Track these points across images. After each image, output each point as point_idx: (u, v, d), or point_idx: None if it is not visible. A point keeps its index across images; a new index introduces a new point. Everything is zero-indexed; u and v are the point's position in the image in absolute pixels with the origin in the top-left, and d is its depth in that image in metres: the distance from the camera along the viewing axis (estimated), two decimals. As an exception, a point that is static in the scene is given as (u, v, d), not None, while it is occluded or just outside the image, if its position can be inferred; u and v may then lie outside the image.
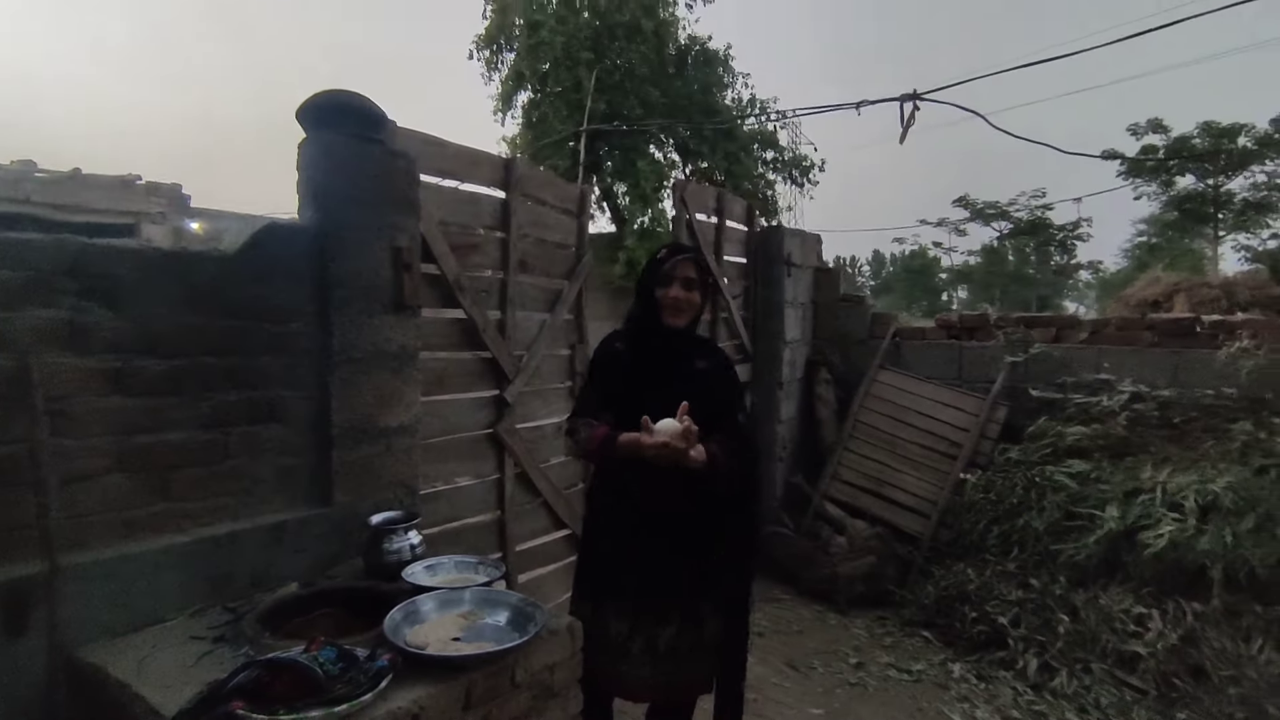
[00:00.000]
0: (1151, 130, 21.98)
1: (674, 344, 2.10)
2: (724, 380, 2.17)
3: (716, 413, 2.02)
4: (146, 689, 1.51)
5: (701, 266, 2.12)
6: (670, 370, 2.08)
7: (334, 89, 2.33)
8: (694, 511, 2.05)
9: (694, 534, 2.06)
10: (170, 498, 1.88)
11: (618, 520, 2.11)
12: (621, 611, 2.07)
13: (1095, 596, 3.32)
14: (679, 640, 2.06)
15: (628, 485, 2.06)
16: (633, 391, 2.05)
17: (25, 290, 1.59)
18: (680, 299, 2.05)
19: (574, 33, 12.37)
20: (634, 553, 2.06)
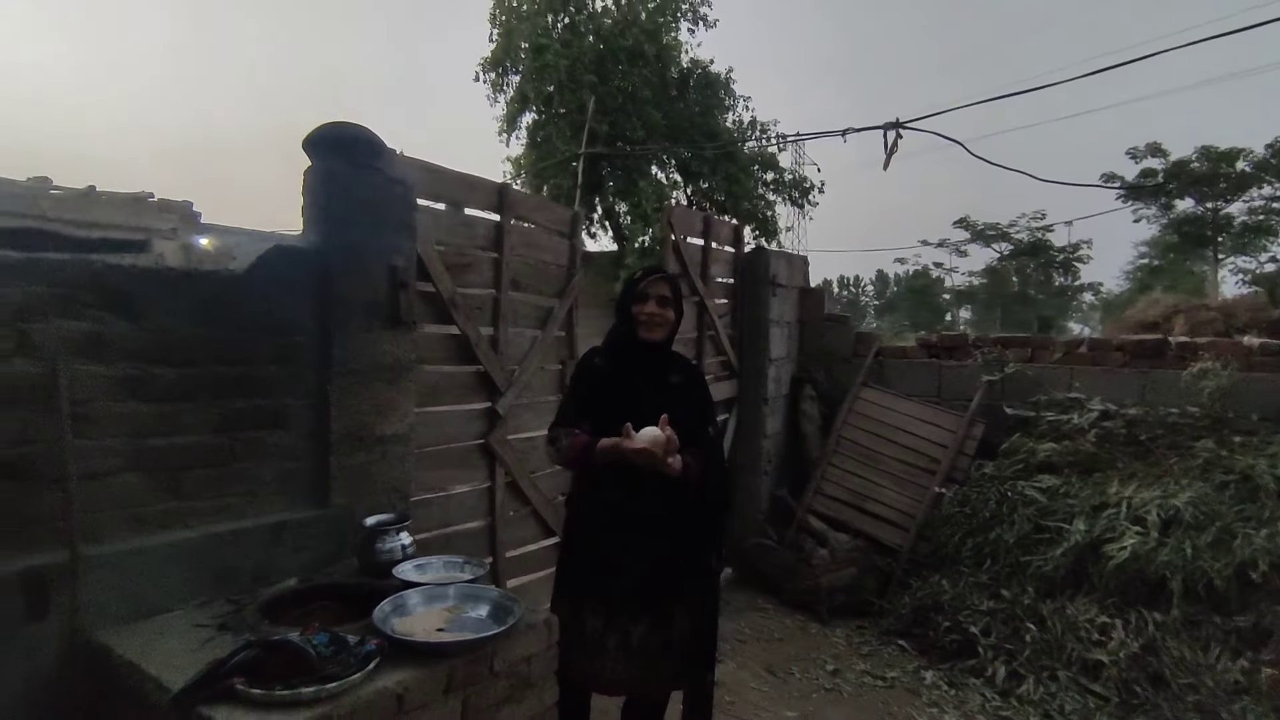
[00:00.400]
0: (1150, 154, 22.21)
1: (650, 358, 2.26)
2: (696, 394, 2.33)
3: (688, 425, 2.18)
4: (154, 668, 1.66)
5: (675, 286, 2.29)
6: (646, 383, 2.24)
7: (337, 121, 2.52)
8: (666, 515, 2.19)
9: (665, 536, 2.20)
10: (180, 496, 2.04)
11: (594, 523, 2.26)
12: (597, 609, 2.21)
13: (1062, 607, 3.44)
14: (650, 637, 2.20)
15: (604, 489, 2.22)
16: (611, 403, 2.20)
17: (55, 304, 1.76)
18: (655, 315, 2.22)
19: (578, 56, 12.67)
20: (608, 553, 2.20)
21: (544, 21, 13.15)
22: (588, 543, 2.29)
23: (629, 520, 2.19)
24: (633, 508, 2.18)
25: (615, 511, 2.21)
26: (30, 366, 1.73)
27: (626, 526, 2.20)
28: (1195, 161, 21.30)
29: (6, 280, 1.70)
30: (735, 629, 3.98)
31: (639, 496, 2.16)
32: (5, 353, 1.70)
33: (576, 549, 2.34)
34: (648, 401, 2.14)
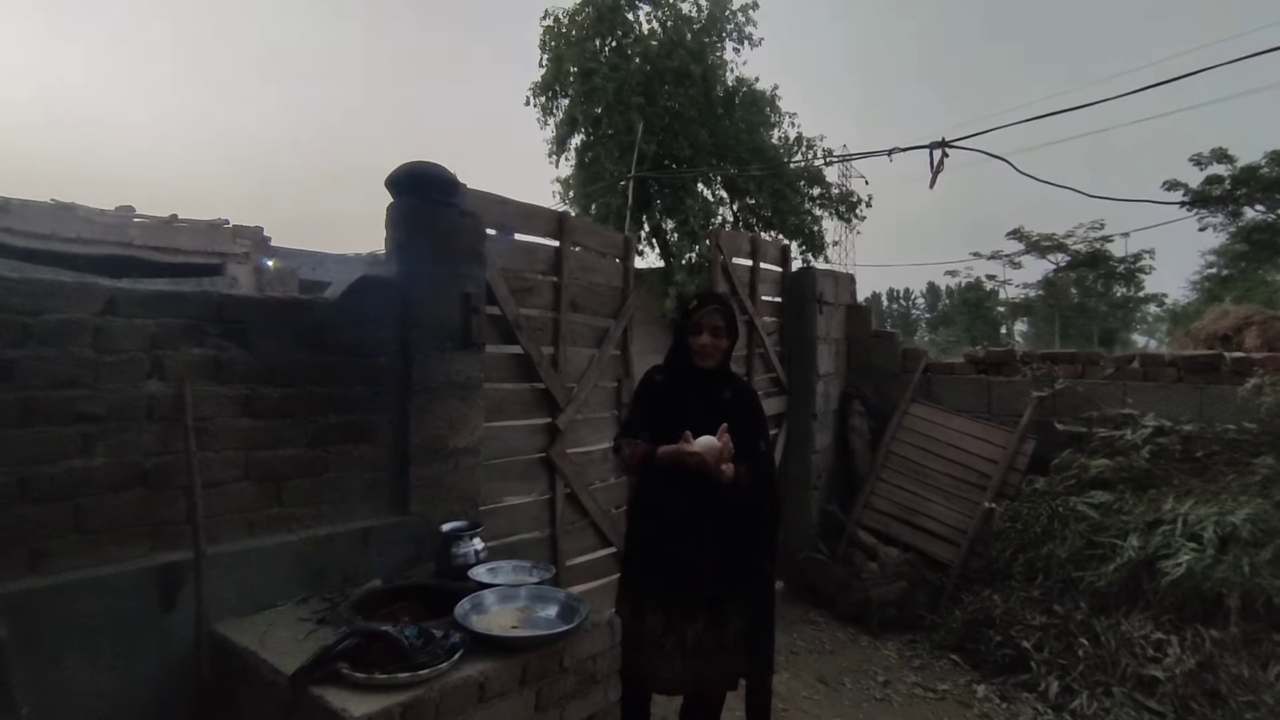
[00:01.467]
0: (1216, 160, 21.40)
1: (705, 381, 2.42)
2: (747, 410, 2.47)
3: (740, 439, 2.32)
4: (269, 655, 1.88)
5: (729, 314, 2.42)
6: (701, 402, 2.39)
7: (416, 161, 2.76)
8: (720, 521, 2.33)
9: (719, 542, 2.35)
10: (282, 503, 2.27)
11: (654, 527, 2.42)
12: (656, 609, 2.35)
13: (1116, 623, 3.44)
14: (706, 637, 2.34)
15: (664, 495, 2.37)
16: (669, 418, 2.36)
17: (184, 332, 2.02)
18: (708, 345, 2.37)
19: (625, 79, 12.97)
20: (667, 556, 2.35)
21: (592, 46, 13.51)
22: (648, 546, 2.44)
23: (686, 525, 2.34)
24: (690, 513, 2.33)
25: (673, 516, 2.36)
26: (162, 388, 1.99)
27: (684, 532, 2.34)
28: (1265, 167, 20.44)
29: (144, 312, 1.96)
30: (788, 641, 4.06)
31: (696, 503, 2.31)
32: (143, 375, 1.96)
33: (638, 552, 2.49)
34: (702, 418, 2.29)
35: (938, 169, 4.98)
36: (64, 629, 1.78)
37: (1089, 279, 28.86)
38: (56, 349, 1.81)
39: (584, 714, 2.13)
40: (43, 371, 1.79)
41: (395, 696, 1.67)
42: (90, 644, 1.82)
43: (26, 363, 1.77)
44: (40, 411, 1.80)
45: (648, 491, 2.45)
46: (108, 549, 1.90)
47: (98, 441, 1.88)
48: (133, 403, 1.94)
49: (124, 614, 1.88)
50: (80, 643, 1.80)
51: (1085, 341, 26.06)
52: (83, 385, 1.85)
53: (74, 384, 1.84)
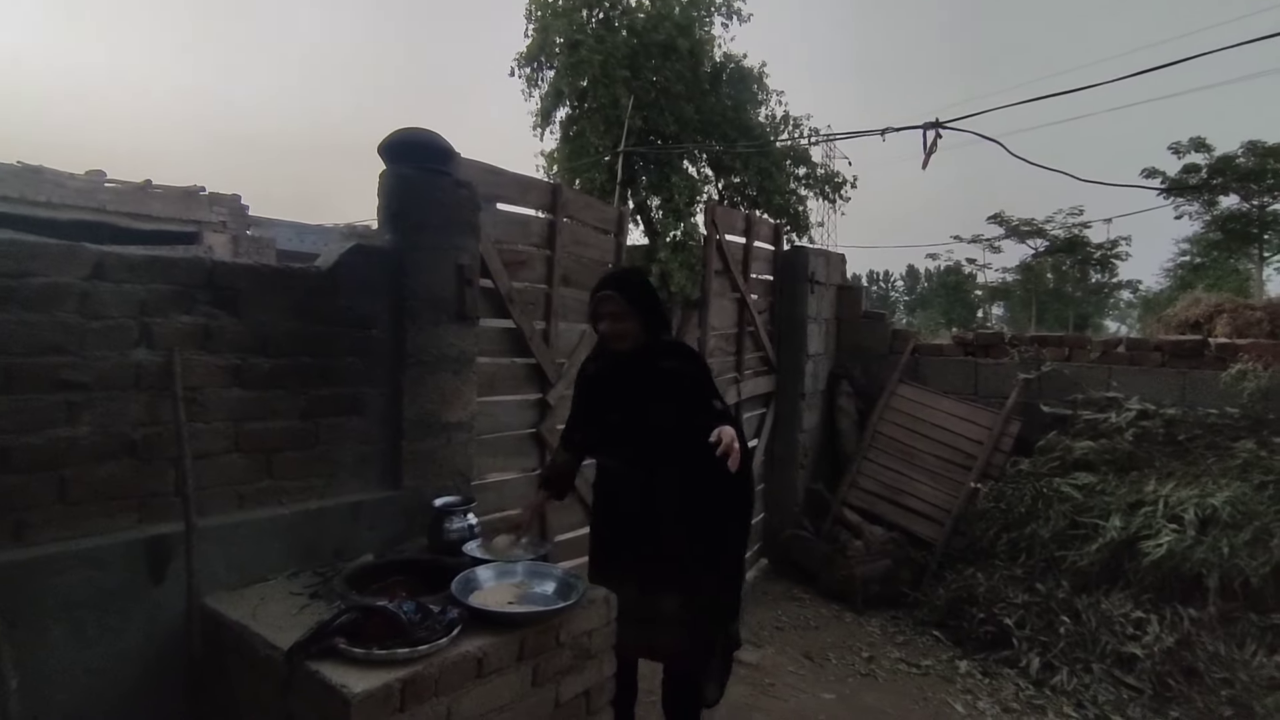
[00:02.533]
0: (1194, 149, 21.66)
1: (630, 362, 2.38)
2: (687, 380, 2.38)
3: (683, 410, 2.29)
4: (262, 628, 1.84)
5: (629, 293, 2.32)
6: (633, 383, 2.37)
7: (410, 127, 2.68)
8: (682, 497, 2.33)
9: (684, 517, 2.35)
10: (273, 476, 2.22)
11: (613, 507, 2.48)
12: (627, 578, 2.35)
13: (1097, 601, 3.52)
14: (682, 612, 2.35)
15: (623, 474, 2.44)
16: (606, 404, 2.42)
17: (174, 299, 1.95)
18: (611, 331, 2.35)
19: (612, 51, 12.77)
20: (629, 531, 2.40)
21: (579, 17, 13.28)
22: (615, 521, 2.49)
23: (642, 498, 2.37)
24: (645, 486, 2.36)
25: (634, 494, 2.40)
26: (151, 356, 1.92)
27: (641, 503, 2.37)
28: (1241, 157, 20.74)
29: (133, 278, 1.89)
30: (773, 617, 4.11)
31: (654, 481, 2.34)
32: (130, 343, 1.89)
33: (601, 528, 2.55)
34: (637, 398, 2.33)
35: (931, 149, 4.97)
36: (50, 602, 1.73)
37: (1066, 264, 29.24)
38: (41, 314, 1.73)
39: (579, 688, 2.13)
40: (25, 337, 1.72)
41: (394, 672, 1.65)
42: (77, 617, 1.77)
43: (9, 327, 1.69)
44: (23, 378, 1.72)
45: (600, 472, 2.53)
46: (94, 520, 1.84)
47: (83, 410, 1.82)
48: (120, 371, 1.87)
49: (112, 587, 1.83)
50: (67, 616, 1.75)
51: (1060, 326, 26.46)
52: (68, 352, 1.78)
53: (59, 350, 1.77)
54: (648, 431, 2.34)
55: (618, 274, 2.54)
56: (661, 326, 2.44)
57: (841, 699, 3.25)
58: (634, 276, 2.52)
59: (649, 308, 2.38)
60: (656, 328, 2.41)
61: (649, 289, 2.45)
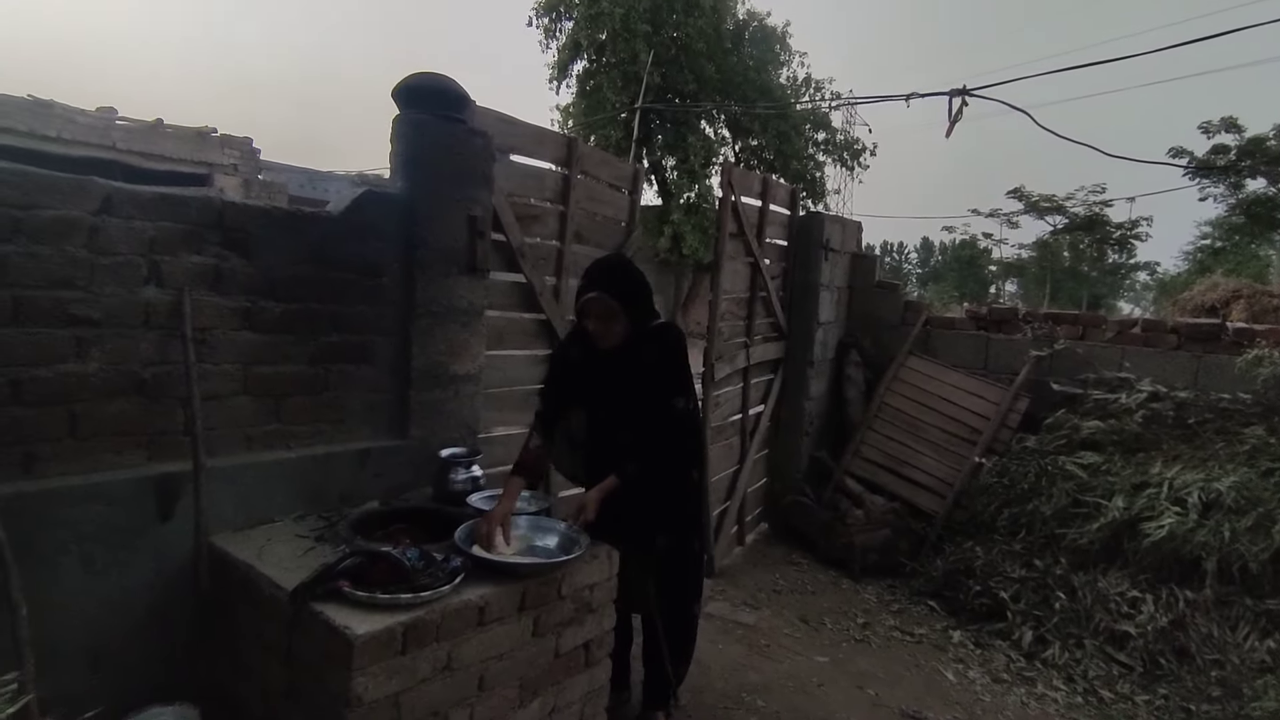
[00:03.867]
0: (1225, 129, 21.11)
1: (611, 355, 2.34)
2: (660, 366, 2.35)
3: (649, 398, 2.31)
4: (268, 569, 1.87)
5: (617, 292, 2.25)
6: (609, 376, 2.35)
7: (424, 71, 2.62)
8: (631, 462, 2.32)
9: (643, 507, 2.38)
10: (281, 420, 2.23)
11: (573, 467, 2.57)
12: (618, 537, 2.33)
13: (1094, 579, 3.53)
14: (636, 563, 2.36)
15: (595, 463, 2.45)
16: (581, 387, 2.42)
17: (184, 239, 1.93)
18: (597, 332, 2.29)
19: (633, 4, 12.46)
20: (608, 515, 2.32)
21: (601, -34, 12.94)
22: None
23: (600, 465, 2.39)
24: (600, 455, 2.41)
25: (589, 457, 2.47)
26: (160, 295, 1.91)
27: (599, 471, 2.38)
28: (1273, 139, 20.21)
29: (143, 215, 1.87)
30: (770, 580, 4.15)
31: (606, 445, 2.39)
32: (139, 280, 1.88)
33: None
34: (611, 388, 2.34)
35: (956, 117, 4.85)
36: (59, 534, 1.75)
37: (1084, 243, 28.80)
38: (50, 247, 1.72)
39: (580, 640, 2.16)
40: (34, 270, 1.71)
41: (397, 616, 1.67)
42: (86, 550, 1.80)
43: (17, 259, 1.68)
44: (32, 311, 1.72)
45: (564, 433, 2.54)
46: (103, 456, 1.86)
47: (92, 346, 1.82)
48: (129, 308, 1.86)
49: (120, 522, 1.85)
50: (76, 548, 1.78)
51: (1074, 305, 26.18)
52: (77, 287, 1.77)
53: (68, 285, 1.76)
54: (620, 426, 2.36)
55: (604, 270, 2.36)
56: (647, 314, 2.35)
57: (835, 662, 3.30)
58: (621, 272, 2.38)
59: (635, 303, 2.30)
60: (642, 317, 2.33)
61: (635, 282, 2.35)
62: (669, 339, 2.39)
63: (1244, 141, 20.62)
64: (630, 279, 2.34)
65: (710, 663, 3.09)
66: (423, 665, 1.70)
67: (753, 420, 4.63)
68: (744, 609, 3.73)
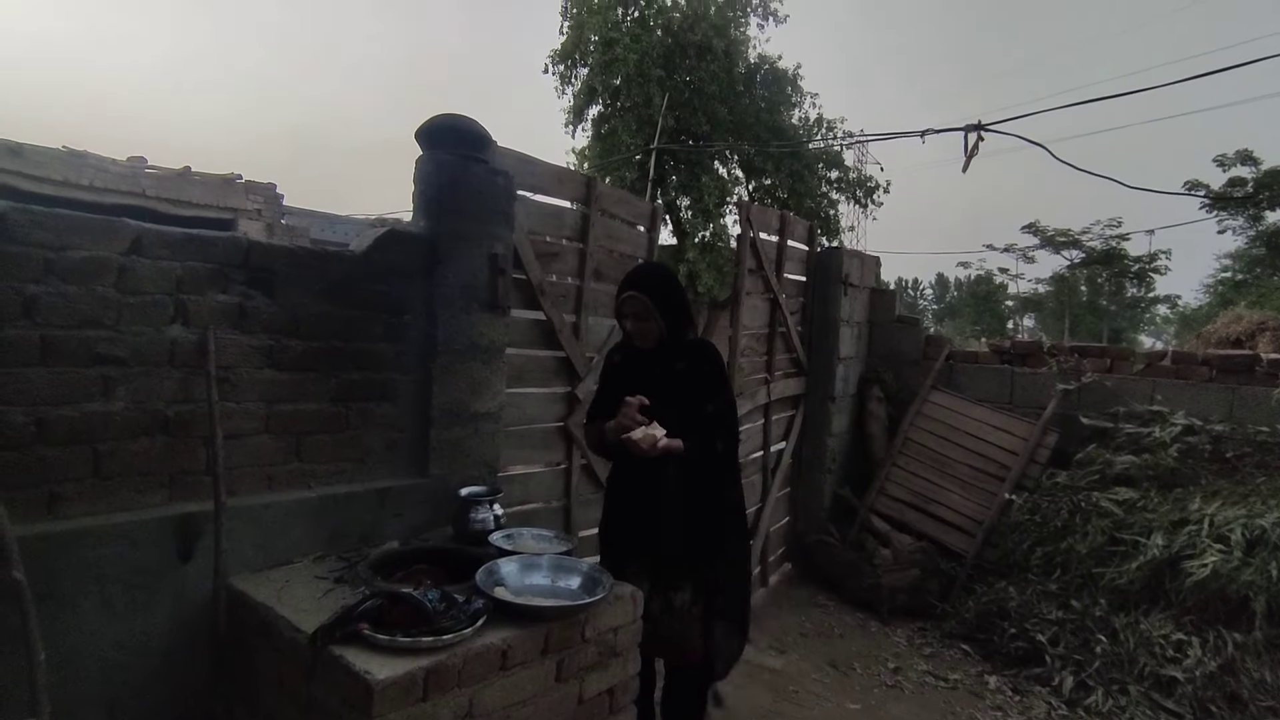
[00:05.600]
0: (1240, 162, 21.09)
1: (652, 358, 2.39)
2: (697, 377, 2.38)
3: (690, 407, 2.32)
4: (286, 611, 1.83)
5: (655, 293, 2.32)
6: (650, 378, 2.37)
7: (447, 113, 2.66)
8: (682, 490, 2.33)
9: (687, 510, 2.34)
10: (302, 459, 2.21)
11: (630, 501, 2.47)
12: (641, 573, 2.34)
13: (1135, 621, 3.39)
14: (694, 606, 2.35)
15: (632, 471, 2.42)
16: (624, 390, 2.38)
17: (210, 278, 1.95)
18: (634, 331, 2.36)
19: (647, 50, 12.73)
20: (646, 526, 2.38)
21: (614, 15, 13.27)
22: (625, 518, 2.50)
23: (646, 493, 2.37)
24: (647, 481, 2.36)
25: (635, 485, 2.44)
26: (186, 333, 1.92)
27: (645, 499, 2.38)
28: (1290, 171, 20.14)
29: (170, 255, 1.89)
30: (796, 623, 4.03)
31: (660, 475, 2.33)
32: (166, 319, 1.89)
33: (617, 522, 2.55)
34: (653, 394, 2.31)
35: (972, 152, 4.86)
36: (81, 575, 1.73)
37: (1101, 276, 28.62)
38: (79, 287, 1.74)
39: (604, 685, 2.09)
40: (64, 309, 1.72)
41: (418, 660, 1.62)
42: (107, 592, 1.77)
43: (48, 299, 1.69)
44: (60, 351, 1.73)
45: (619, 469, 2.56)
46: (126, 495, 1.84)
47: (118, 385, 1.82)
48: (155, 347, 1.87)
49: (141, 563, 1.82)
50: (97, 590, 1.75)
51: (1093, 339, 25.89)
52: (104, 326, 1.78)
53: (95, 324, 1.77)
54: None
55: (642, 273, 2.48)
56: (685, 325, 2.42)
57: (867, 709, 3.17)
58: (658, 276, 2.46)
59: (673, 307, 2.36)
60: (680, 327, 2.39)
61: (673, 287, 2.43)
62: (704, 349, 2.45)
63: (1260, 174, 20.56)
64: (665, 282, 2.42)
65: (737, 708, 2.99)
66: (444, 712, 1.65)
67: (774, 457, 4.56)
68: (770, 653, 3.62)
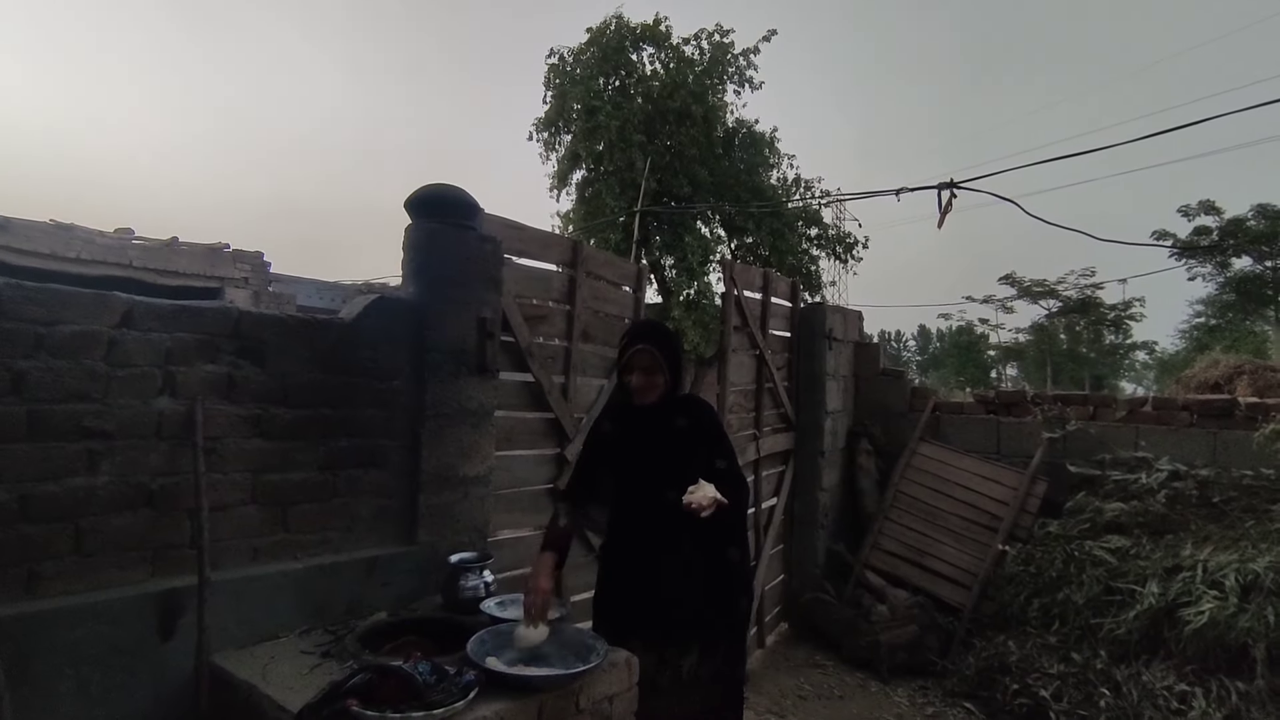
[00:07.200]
0: (1204, 212, 21.85)
1: (650, 415, 2.36)
2: (702, 435, 2.37)
3: (697, 464, 2.26)
4: (271, 689, 1.77)
5: (663, 346, 2.33)
6: (651, 438, 2.34)
7: (437, 183, 2.73)
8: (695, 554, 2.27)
9: (696, 574, 2.28)
10: (288, 529, 2.18)
11: (635, 565, 2.35)
12: (648, 645, 2.25)
13: (1138, 672, 3.35)
14: (701, 667, 2.27)
15: (638, 535, 2.33)
16: (624, 462, 2.35)
17: (199, 349, 1.95)
18: (642, 384, 2.32)
19: (628, 117, 13.14)
20: (655, 590, 2.28)
21: (596, 84, 13.73)
22: (628, 585, 2.36)
23: (664, 561, 2.28)
24: (665, 545, 2.27)
25: (646, 555, 2.31)
26: (174, 405, 1.91)
27: (663, 564, 2.28)
28: (1252, 219, 20.86)
29: (161, 327, 1.90)
30: (795, 684, 3.94)
31: (672, 540, 2.25)
32: (154, 391, 1.89)
33: (617, 590, 2.42)
34: (655, 454, 2.29)
35: (946, 209, 5.01)
36: (57, 657, 1.67)
37: (1079, 325, 29.16)
38: (69, 361, 1.74)
39: (600, 758, 2.02)
40: (52, 384, 1.72)
41: (408, 737, 1.57)
42: (83, 674, 1.71)
43: (36, 374, 1.69)
44: (47, 426, 1.71)
45: (622, 532, 2.40)
46: (107, 573, 1.80)
47: (103, 459, 1.80)
48: (142, 419, 1.86)
49: (121, 643, 1.77)
50: (74, 672, 1.70)
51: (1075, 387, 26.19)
52: (92, 400, 1.78)
53: (83, 398, 1.76)
54: (660, 491, 2.29)
55: (648, 326, 2.52)
56: (681, 381, 2.44)
57: (871, 775, 3.08)
58: (662, 330, 2.51)
59: (675, 363, 2.38)
60: (679, 382, 2.42)
61: (677, 342, 2.46)
62: (702, 405, 2.48)
63: (1224, 223, 21.28)
64: (669, 336, 2.44)
65: (738, 779, 2.88)
66: (435, 793, 1.59)
67: (766, 514, 4.53)
68: (770, 716, 3.52)
